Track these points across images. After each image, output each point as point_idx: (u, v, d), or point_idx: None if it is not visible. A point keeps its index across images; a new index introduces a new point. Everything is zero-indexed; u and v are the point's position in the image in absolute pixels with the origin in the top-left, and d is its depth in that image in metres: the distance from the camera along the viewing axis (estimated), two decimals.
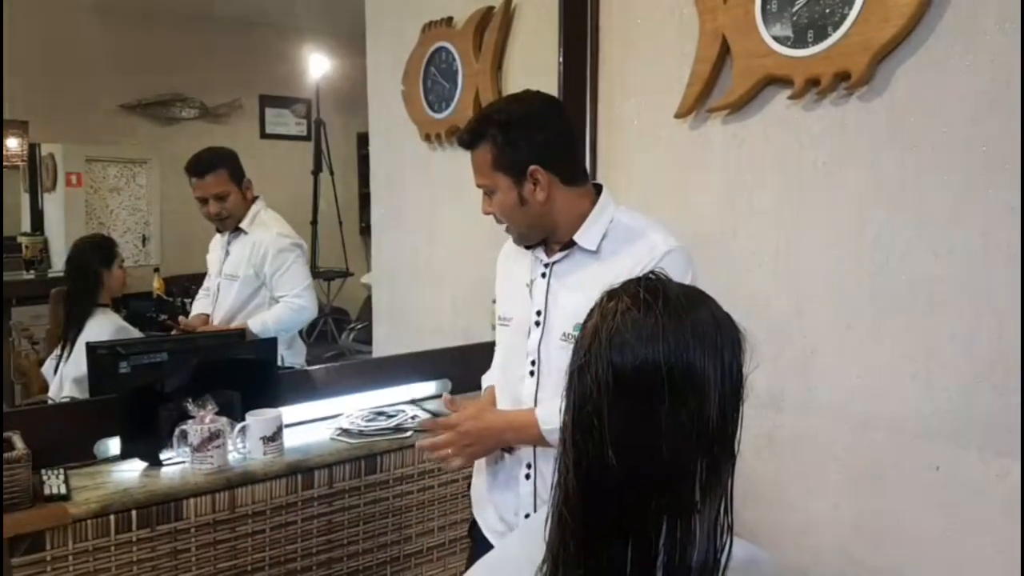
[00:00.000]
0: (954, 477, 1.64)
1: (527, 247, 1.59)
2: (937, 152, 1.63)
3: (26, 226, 4.76)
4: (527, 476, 1.56)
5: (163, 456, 1.95)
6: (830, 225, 1.82)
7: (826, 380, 1.85)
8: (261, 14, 4.60)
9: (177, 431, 1.94)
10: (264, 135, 4.90)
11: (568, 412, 0.90)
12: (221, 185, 2.65)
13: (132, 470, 1.91)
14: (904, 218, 1.69)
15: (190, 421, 1.92)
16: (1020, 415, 1.53)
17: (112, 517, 1.74)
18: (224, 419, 1.94)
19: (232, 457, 1.95)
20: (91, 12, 4.29)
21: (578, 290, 1.49)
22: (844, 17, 1.72)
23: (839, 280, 1.81)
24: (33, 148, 4.69)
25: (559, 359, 1.48)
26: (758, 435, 1.96)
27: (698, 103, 2.07)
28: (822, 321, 1.85)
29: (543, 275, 1.56)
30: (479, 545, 1.63)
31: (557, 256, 1.55)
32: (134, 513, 1.76)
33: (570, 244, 1.53)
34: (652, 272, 0.92)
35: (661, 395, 0.82)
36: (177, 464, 1.93)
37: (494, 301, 1.72)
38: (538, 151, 1.49)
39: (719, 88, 2.03)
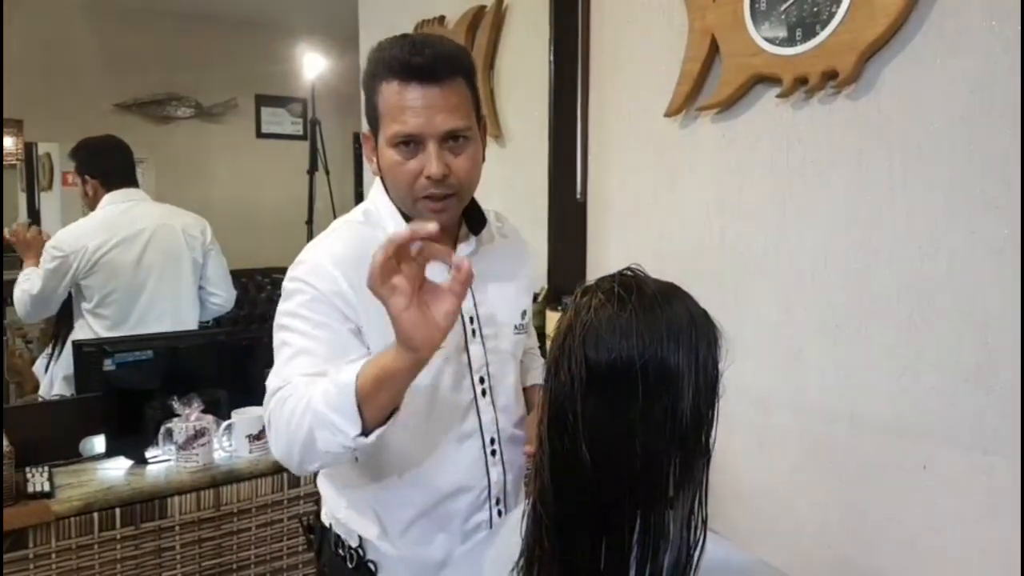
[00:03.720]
0: (941, 476, 1.63)
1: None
2: (924, 150, 1.62)
3: None
4: (493, 453, 1.33)
5: (148, 454, 1.96)
6: (818, 224, 1.81)
7: (814, 380, 1.84)
8: (256, 14, 4.61)
9: (163, 429, 1.95)
10: (260, 134, 4.91)
11: (543, 408, 0.89)
12: None
13: (117, 468, 1.91)
14: (891, 217, 1.68)
15: (176, 419, 1.92)
16: (1021, 416, 1.51)
17: (96, 515, 1.74)
18: (210, 417, 1.94)
19: (218, 455, 1.96)
20: (86, 11, 4.30)
21: (508, 277, 1.36)
22: (832, 16, 1.71)
23: (826, 279, 1.80)
24: (29, 147, 4.70)
25: (513, 360, 1.36)
26: (746, 435, 1.96)
27: (687, 102, 2.06)
28: (809, 321, 1.84)
29: None
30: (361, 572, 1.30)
31: (470, 248, 1.31)
32: (118, 511, 1.77)
33: (467, 233, 1.32)
34: (628, 268, 0.92)
35: (635, 391, 0.82)
36: (162, 462, 1.94)
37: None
38: None
39: (708, 87, 2.02)
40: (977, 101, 1.54)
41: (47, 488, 1.76)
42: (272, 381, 1.18)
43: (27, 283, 2.54)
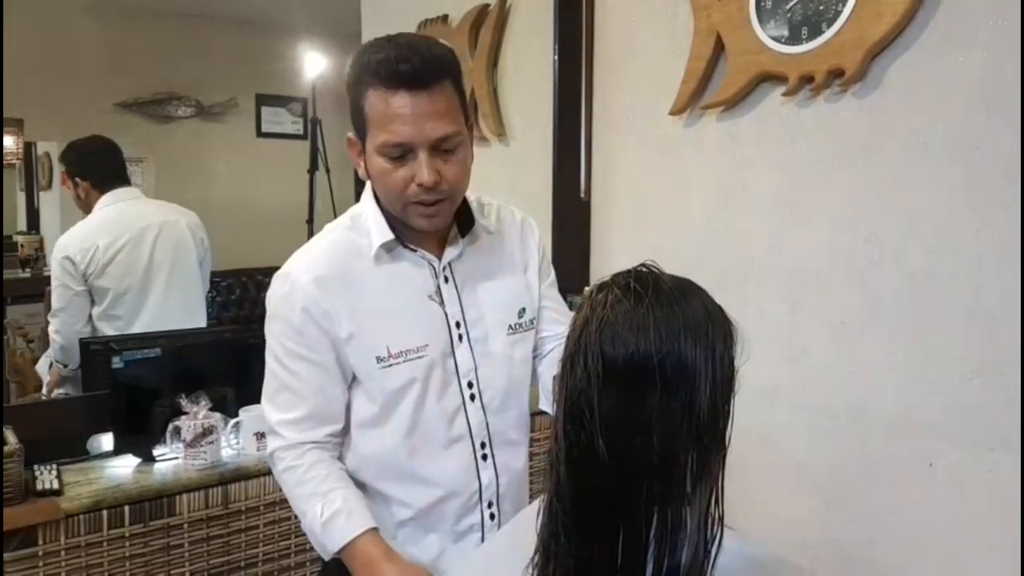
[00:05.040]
0: (947, 473, 1.64)
1: (407, 245, 1.26)
2: (930, 149, 1.63)
3: (22, 225, 4.77)
4: (484, 457, 1.33)
5: (156, 452, 1.96)
6: (823, 222, 1.82)
7: (819, 377, 1.85)
8: (257, 13, 4.61)
9: (170, 427, 1.95)
10: (260, 133, 4.92)
11: (559, 403, 0.89)
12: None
13: (125, 466, 1.91)
14: (897, 214, 1.69)
15: (183, 417, 1.92)
16: (1020, 412, 1.52)
17: (104, 512, 1.74)
18: (218, 415, 1.94)
19: (225, 453, 1.96)
20: (86, 11, 4.30)
21: (500, 276, 1.34)
22: (838, 14, 1.72)
23: (832, 276, 1.81)
24: (29, 146, 4.69)
25: (507, 362, 1.33)
26: (752, 432, 1.96)
27: (692, 100, 2.07)
28: (814, 318, 1.85)
29: (446, 279, 1.29)
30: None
31: (458, 250, 1.30)
32: (127, 508, 1.77)
33: (456, 235, 1.30)
34: (644, 264, 0.92)
35: (652, 385, 0.82)
36: (170, 460, 1.94)
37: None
38: None
39: (713, 85, 2.03)
40: (983, 99, 1.55)
41: (56, 486, 1.76)
42: (269, 413, 1.28)
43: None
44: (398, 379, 1.24)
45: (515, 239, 1.39)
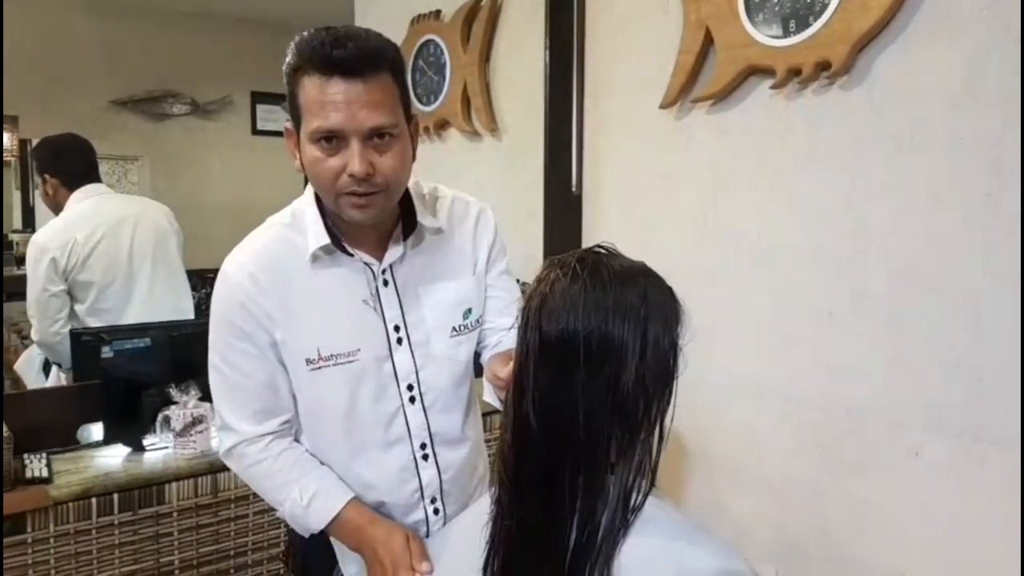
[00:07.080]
0: (934, 462, 1.65)
1: (345, 250, 1.22)
2: (916, 140, 1.64)
3: (17, 223, 4.76)
4: (424, 456, 1.31)
5: (146, 441, 1.96)
6: (811, 213, 1.83)
7: (806, 368, 1.86)
8: (252, 11, 4.62)
9: (160, 416, 1.96)
10: (255, 131, 4.92)
11: (512, 374, 0.96)
12: None
13: (115, 455, 1.92)
14: (883, 206, 1.70)
15: (173, 407, 1.93)
16: (1020, 407, 1.53)
17: (93, 500, 1.75)
18: (207, 404, 1.94)
19: (215, 442, 1.96)
20: (81, 8, 4.31)
21: (446, 277, 1.30)
22: (825, 7, 1.73)
23: (820, 268, 1.82)
24: (24, 144, 4.69)
25: (449, 364, 1.31)
26: (741, 424, 1.97)
27: (682, 94, 2.08)
28: (802, 309, 1.86)
29: (385, 283, 1.25)
30: None
31: (399, 252, 1.25)
32: (116, 496, 1.77)
33: (399, 236, 1.26)
34: (599, 245, 0.95)
35: (578, 361, 0.87)
36: (160, 449, 1.94)
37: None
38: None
39: (703, 79, 2.04)
40: (969, 90, 1.56)
41: (45, 474, 1.76)
42: (220, 411, 1.27)
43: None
44: (326, 383, 1.23)
45: (467, 236, 1.35)
